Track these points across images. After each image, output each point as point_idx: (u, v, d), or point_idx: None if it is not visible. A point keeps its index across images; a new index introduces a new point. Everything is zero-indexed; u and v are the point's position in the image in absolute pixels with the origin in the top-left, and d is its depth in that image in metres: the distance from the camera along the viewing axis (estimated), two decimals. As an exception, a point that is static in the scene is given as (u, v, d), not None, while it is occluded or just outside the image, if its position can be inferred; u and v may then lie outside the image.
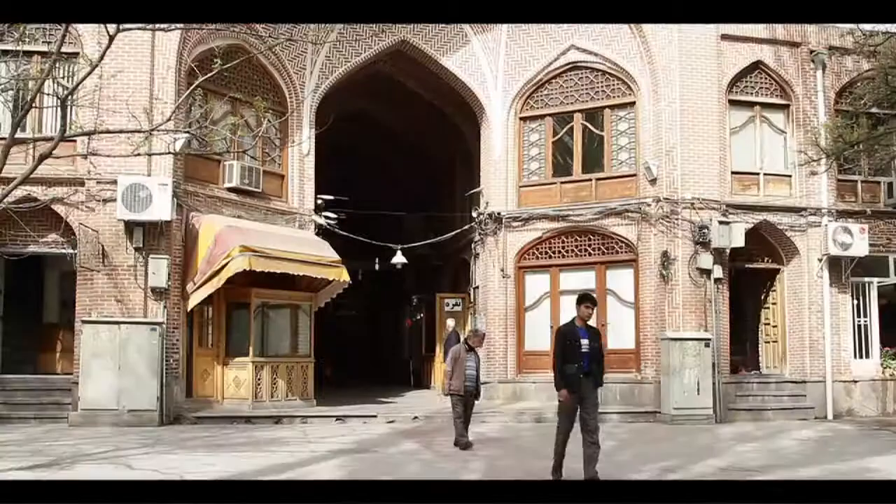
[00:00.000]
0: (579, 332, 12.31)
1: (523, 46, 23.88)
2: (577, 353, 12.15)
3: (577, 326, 12.39)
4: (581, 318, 12.46)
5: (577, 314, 12.48)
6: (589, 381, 12.22)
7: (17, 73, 16.01)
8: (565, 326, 12.68)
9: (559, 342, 12.42)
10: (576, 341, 12.21)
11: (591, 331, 12.53)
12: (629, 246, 22.55)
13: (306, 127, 22.69)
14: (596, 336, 12.65)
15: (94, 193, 18.93)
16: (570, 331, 12.41)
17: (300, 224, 22.45)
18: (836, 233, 21.88)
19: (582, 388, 12.13)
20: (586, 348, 12.19)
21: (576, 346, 12.19)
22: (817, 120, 22.47)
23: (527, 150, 24.25)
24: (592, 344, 12.33)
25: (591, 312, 12.57)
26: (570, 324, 12.57)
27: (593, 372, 12.29)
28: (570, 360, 12.15)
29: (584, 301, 12.54)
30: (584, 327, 12.44)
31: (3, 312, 20.89)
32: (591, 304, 12.60)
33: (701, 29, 21.95)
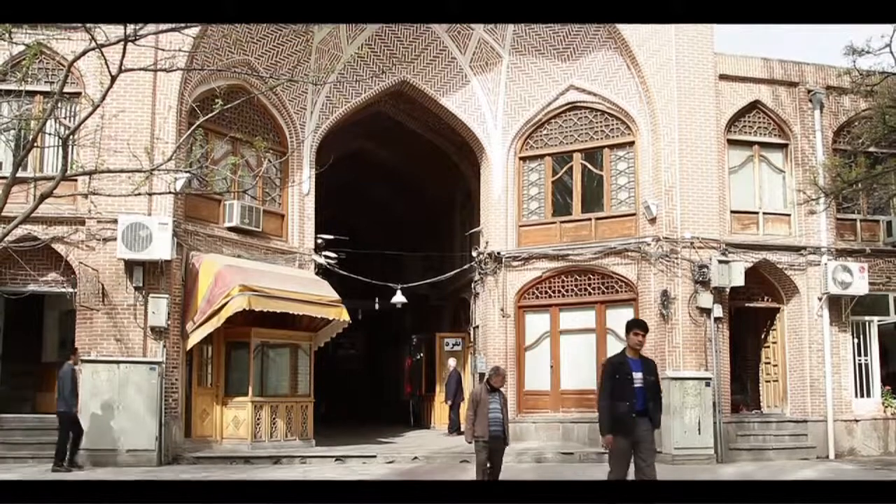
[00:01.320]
0: (630, 364, 10.91)
1: (522, 86, 24.01)
2: (629, 388, 10.78)
3: (628, 357, 11.01)
4: (632, 348, 11.06)
5: (627, 343, 11.11)
6: (644, 422, 10.84)
7: (19, 112, 16.10)
8: (614, 358, 11.27)
9: (607, 377, 10.98)
10: (627, 375, 10.81)
11: (645, 362, 11.13)
12: (629, 285, 22.54)
13: (306, 167, 22.76)
14: (651, 368, 11.20)
15: (94, 232, 18.95)
16: (619, 363, 10.99)
17: (300, 263, 22.46)
18: (835, 271, 21.88)
19: (636, 430, 10.74)
20: (640, 383, 10.83)
21: (627, 380, 10.79)
22: (816, 159, 22.57)
23: (526, 189, 24.31)
24: (647, 378, 10.95)
25: (642, 340, 11.10)
26: (619, 355, 11.20)
27: (649, 411, 10.90)
28: (621, 398, 10.72)
29: (634, 328, 11.15)
30: (637, 358, 11.04)
31: (2, 351, 20.85)
32: (641, 331, 11.12)
33: (699, 69, 22.14)
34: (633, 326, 11.17)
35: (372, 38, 23.39)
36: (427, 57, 24.07)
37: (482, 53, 23.93)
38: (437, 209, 31.91)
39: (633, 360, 10.97)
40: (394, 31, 23.62)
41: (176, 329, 19.43)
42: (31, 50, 14.46)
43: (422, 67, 24.10)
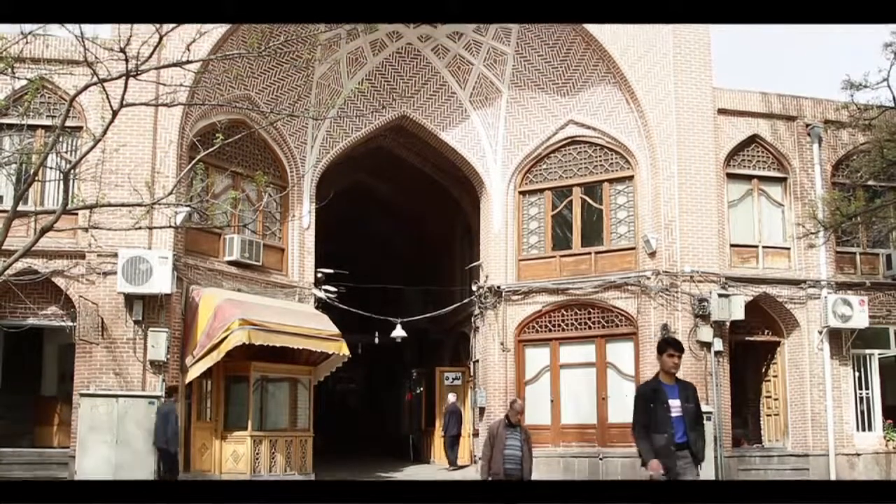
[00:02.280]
0: (666, 390, 9.64)
1: (522, 121, 24.11)
2: (667, 418, 9.51)
3: (663, 383, 9.73)
4: (666, 372, 9.78)
5: (661, 367, 9.84)
6: (684, 456, 9.62)
7: (20, 146, 16.16)
8: (647, 385, 10.00)
9: (640, 407, 9.69)
10: (663, 403, 9.54)
11: (683, 387, 9.85)
12: (629, 319, 22.52)
13: (307, 201, 22.81)
14: (691, 393, 9.89)
15: (94, 266, 18.96)
16: (654, 390, 9.71)
17: (300, 297, 22.46)
18: (835, 305, 21.87)
19: (677, 465, 9.51)
20: (678, 411, 9.58)
21: (663, 409, 9.53)
22: (815, 193, 22.64)
23: (526, 223, 24.35)
24: (687, 405, 9.68)
25: (677, 362, 9.78)
26: (652, 381, 9.93)
27: (690, 443, 9.67)
28: (658, 429, 9.49)
29: (668, 348, 9.81)
30: (673, 383, 9.78)
31: (1, 385, 20.78)
32: (676, 352, 9.79)
33: (697, 103, 22.26)
34: (668, 346, 9.81)
35: (372, 72, 23.53)
36: (427, 92, 24.20)
37: (482, 88, 24.06)
38: (437, 243, 31.94)
39: (668, 385, 9.68)
40: (394, 66, 23.77)
41: (175, 363, 19.39)
42: (34, 84, 14.58)
43: (422, 102, 24.23)
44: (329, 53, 22.70)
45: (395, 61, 23.75)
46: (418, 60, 23.85)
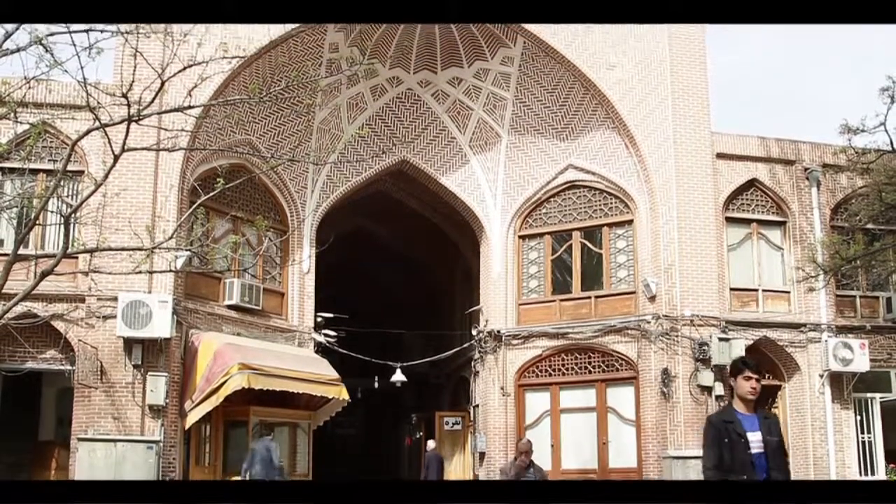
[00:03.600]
0: (743, 421, 7.95)
1: (522, 166, 24.21)
2: (745, 456, 7.82)
3: (739, 413, 8.04)
4: (741, 399, 8.08)
5: (736, 392, 8.14)
6: None
7: (22, 190, 16.22)
8: (719, 416, 8.29)
9: (711, 442, 8.00)
10: (740, 438, 7.86)
11: (763, 418, 8.12)
12: (629, 363, 22.46)
13: (307, 245, 22.85)
14: (773, 425, 8.18)
15: (94, 310, 18.94)
16: (727, 422, 8.01)
17: (300, 342, 22.42)
18: (836, 348, 21.83)
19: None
20: (758, 447, 7.87)
21: (740, 445, 7.85)
22: (814, 236, 22.70)
23: (526, 267, 24.37)
24: (770, 438, 7.96)
25: (756, 387, 8.06)
26: (725, 411, 8.33)
27: None
28: (734, 469, 7.80)
29: (744, 368, 8.11)
30: (751, 413, 8.06)
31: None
32: (754, 374, 8.09)
33: (696, 147, 22.38)
34: (744, 367, 8.10)
35: (372, 117, 23.68)
36: (427, 136, 24.33)
37: (481, 133, 24.19)
38: (437, 287, 31.94)
39: (745, 415, 7.98)
40: (394, 111, 23.92)
41: (174, 407, 19.31)
42: (36, 129, 14.65)
43: (422, 147, 24.36)
44: (329, 99, 22.85)
45: (396, 106, 23.90)
46: (418, 105, 24.01)
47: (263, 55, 20.64)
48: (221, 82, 19.75)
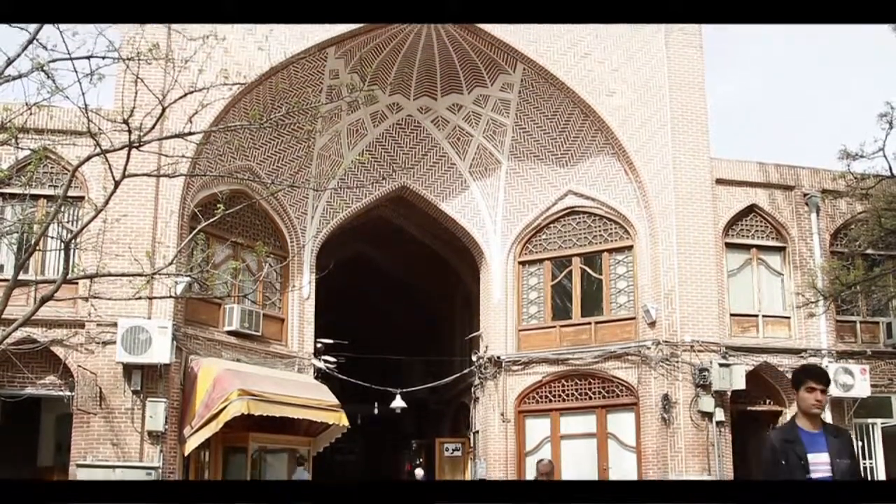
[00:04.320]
0: (806, 440, 6.90)
1: (521, 192, 24.25)
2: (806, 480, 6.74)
3: (803, 430, 6.98)
4: (806, 414, 7.03)
5: (798, 406, 7.12)
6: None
7: (22, 216, 16.25)
8: (780, 434, 7.16)
9: (771, 463, 6.91)
10: (799, 460, 6.81)
11: (832, 436, 7.02)
12: (630, 389, 22.41)
13: (307, 271, 22.86)
14: (845, 444, 7.04)
15: (93, 336, 18.93)
16: (788, 441, 6.94)
17: (299, 368, 22.38)
18: (836, 374, 21.78)
19: None
20: (825, 470, 6.78)
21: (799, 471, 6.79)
22: (814, 262, 22.71)
23: (526, 293, 24.36)
24: (840, 462, 6.85)
25: (822, 399, 7.03)
26: (787, 428, 7.15)
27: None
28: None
29: (807, 379, 7.09)
30: (817, 430, 7.01)
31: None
32: (820, 385, 7.04)
33: (696, 173, 22.42)
34: (807, 377, 7.08)
35: (372, 143, 23.74)
36: (427, 163, 24.40)
37: (481, 159, 24.25)
38: (437, 313, 31.92)
39: (809, 433, 6.93)
40: (394, 138, 24.00)
41: (173, 433, 19.25)
42: (37, 154, 14.70)
43: (422, 173, 24.41)
44: (330, 125, 22.92)
45: (396, 132, 23.98)
46: (418, 132, 24.09)
47: (264, 81, 20.73)
48: (222, 108, 19.82)
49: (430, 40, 22.57)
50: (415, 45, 22.65)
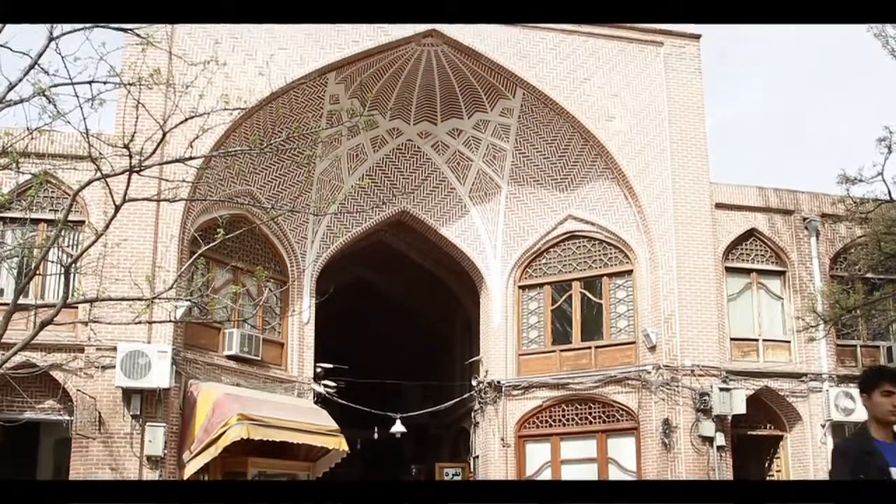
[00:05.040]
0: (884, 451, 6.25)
1: (521, 216, 24.28)
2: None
3: (878, 441, 6.34)
4: (880, 422, 6.37)
5: (871, 414, 6.45)
6: None
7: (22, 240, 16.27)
8: (852, 443, 6.76)
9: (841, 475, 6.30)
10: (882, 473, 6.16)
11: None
12: (630, 414, 22.36)
13: (307, 296, 22.86)
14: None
15: (93, 360, 18.90)
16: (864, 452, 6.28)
17: (299, 392, 22.34)
18: (837, 398, 21.76)
19: None
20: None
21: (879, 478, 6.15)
22: (813, 286, 22.71)
23: (526, 318, 24.34)
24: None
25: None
26: (860, 437, 6.52)
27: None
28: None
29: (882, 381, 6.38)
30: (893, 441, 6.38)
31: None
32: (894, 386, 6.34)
33: (695, 198, 22.47)
34: (881, 379, 6.40)
35: (373, 168, 23.80)
36: (427, 187, 24.44)
37: (481, 184, 24.29)
38: (437, 338, 31.88)
39: (886, 444, 6.27)
40: (394, 162, 24.06)
41: (172, 458, 19.19)
42: (38, 179, 14.74)
43: (422, 198, 24.45)
44: (330, 150, 22.98)
45: (396, 157, 24.05)
46: (418, 156, 24.16)
47: (264, 106, 20.80)
48: (223, 133, 19.89)
49: (430, 65, 22.67)
50: (415, 71, 22.75)
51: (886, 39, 19.88)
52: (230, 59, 19.53)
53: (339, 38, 21.54)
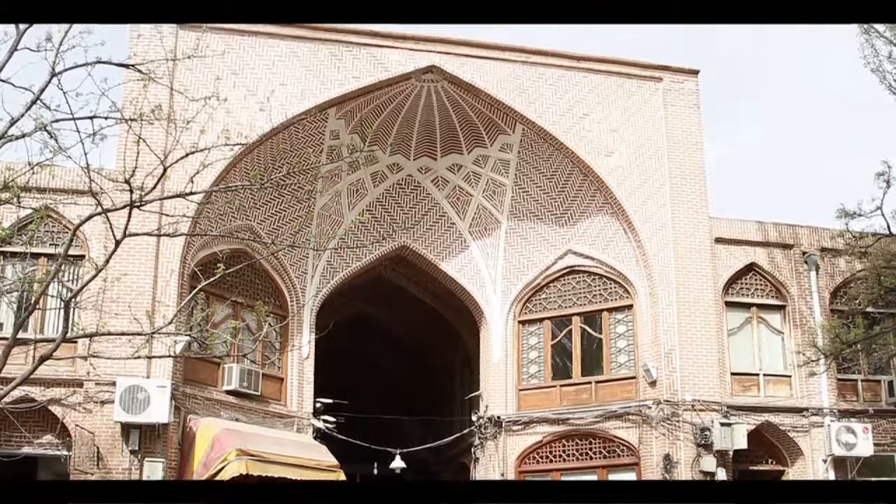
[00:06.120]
0: None
1: (521, 251, 24.30)
2: None
3: None
4: None
5: None
6: None
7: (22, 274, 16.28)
8: None
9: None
10: None
11: None
12: (631, 449, 22.26)
13: (307, 331, 22.84)
14: None
15: (92, 395, 18.86)
16: None
17: (298, 427, 22.26)
18: (839, 433, 21.68)
19: None
20: None
21: None
22: (814, 320, 22.72)
23: (526, 353, 24.30)
24: None
25: None
26: None
27: None
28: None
29: None
30: None
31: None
32: None
33: (695, 232, 22.51)
34: None
35: (373, 203, 23.86)
36: (427, 222, 24.49)
37: (481, 219, 24.34)
38: (437, 373, 31.80)
39: None
40: (394, 197, 24.12)
41: (171, 494, 19.09)
42: (39, 213, 14.76)
43: (422, 233, 24.49)
44: (330, 185, 23.05)
45: (396, 192, 24.12)
46: (418, 192, 24.23)
47: (265, 142, 20.90)
48: (223, 168, 19.96)
49: (430, 101, 22.80)
50: (415, 106, 22.87)
51: (884, 75, 20.04)
52: (231, 94, 19.63)
53: (339, 74, 21.69)
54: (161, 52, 17.03)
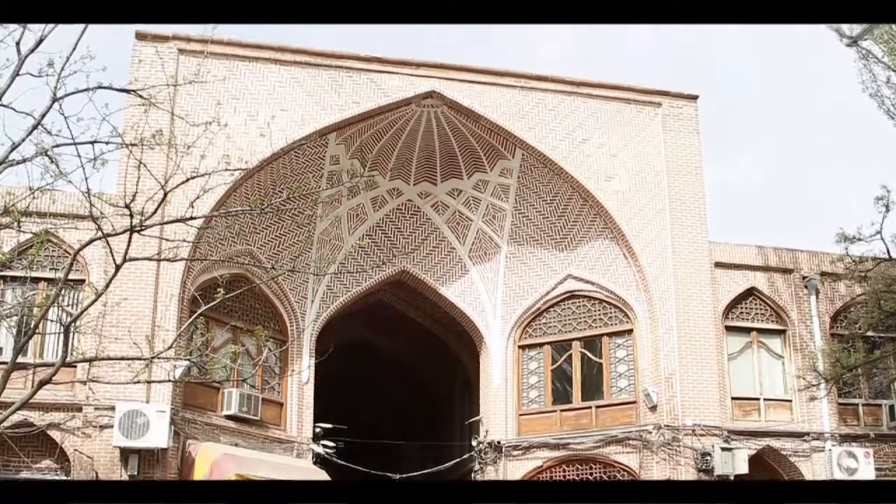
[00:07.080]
0: None
1: (521, 276, 24.31)
2: None
3: None
4: None
5: None
6: None
7: (22, 299, 16.28)
8: None
9: None
10: None
11: None
12: (631, 474, 22.16)
13: (306, 355, 22.81)
14: None
15: (91, 419, 18.83)
16: None
17: (298, 453, 22.19)
18: (840, 457, 21.62)
19: None
20: None
21: None
22: (814, 344, 22.70)
23: (526, 377, 24.26)
24: None
25: None
26: None
27: None
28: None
29: None
30: None
31: (-10, 544, 20.32)
32: None
33: (694, 257, 22.53)
34: None
35: (373, 228, 23.89)
36: (427, 247, 24.51)
37: (481, 244, 24.36)
38: (437, 398, 31.73)
39: None
40: (394, 222, 24.16)
41: (170, 520, 19.01)
42: (39, 238, 14.77)
43: (422, 257, 24.51)
44: (330, 210, 23.09)
45: (396, 217, 24.15)
46: (418, 216, 24.26)
47: (265, 167, 20.96)
48: (223, 193, 19.98)
49: (430, 126, 22.87)
50: (415, 131, 22.95)
51: (882, 100, 20.14)
52: (232, 119, 19.73)
53: (339, 99, 21.79)
54: (162, 78, 17.13)
